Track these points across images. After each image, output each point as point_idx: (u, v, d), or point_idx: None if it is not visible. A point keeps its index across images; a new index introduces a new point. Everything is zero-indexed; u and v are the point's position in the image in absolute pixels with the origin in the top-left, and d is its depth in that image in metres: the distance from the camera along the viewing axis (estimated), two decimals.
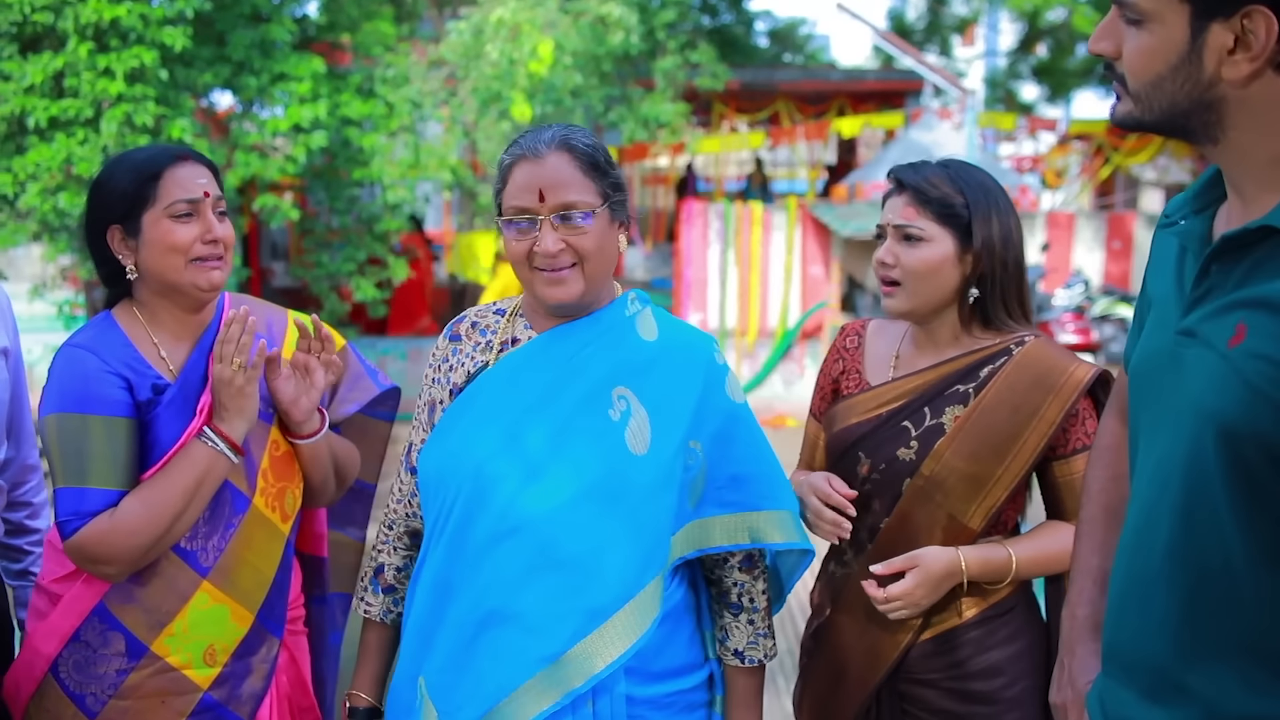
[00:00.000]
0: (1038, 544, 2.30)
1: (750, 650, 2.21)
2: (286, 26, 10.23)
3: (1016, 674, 2.30)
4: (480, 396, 2.11)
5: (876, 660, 2.35)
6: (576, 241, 2.02)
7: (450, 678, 2.01)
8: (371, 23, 11.78)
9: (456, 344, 2.22)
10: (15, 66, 9.05)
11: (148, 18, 9.03)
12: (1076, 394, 2.23)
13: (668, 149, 16.13)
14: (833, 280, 13.71)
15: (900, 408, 2.35)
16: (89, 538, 2.10)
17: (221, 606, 2.26)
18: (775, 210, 14.05)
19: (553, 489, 2.00)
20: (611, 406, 2.05)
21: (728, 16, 22.95)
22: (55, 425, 2.16)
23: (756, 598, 2.23)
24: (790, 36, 26.70)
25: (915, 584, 2.23)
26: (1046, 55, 21.32)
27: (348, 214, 11.79)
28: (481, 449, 2.04)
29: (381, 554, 2.29)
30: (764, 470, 2.21)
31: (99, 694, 2.21)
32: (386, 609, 2.28)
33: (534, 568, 1.98)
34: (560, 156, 2.02)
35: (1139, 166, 19.99)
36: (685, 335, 2.20)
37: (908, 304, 2.33)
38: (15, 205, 9.61)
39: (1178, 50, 1.39)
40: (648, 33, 14.23)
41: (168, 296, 2.29)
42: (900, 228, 2.30)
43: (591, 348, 2.10)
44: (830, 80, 20.23)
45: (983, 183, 2.30)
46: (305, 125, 10.05)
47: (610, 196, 2.07)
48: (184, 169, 2.26)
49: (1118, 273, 14.78)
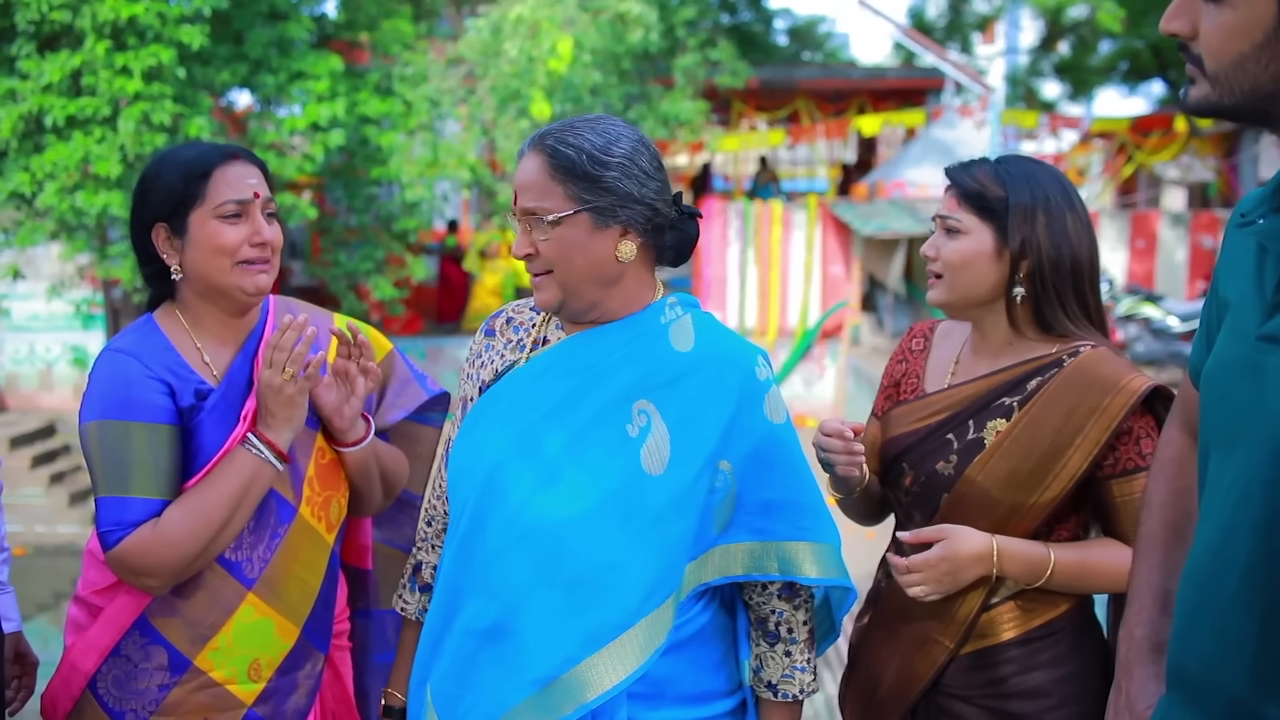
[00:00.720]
0: (1083, 553, 2.17)
1: (785, 684, 2.08)
2: (304, 25, 10.22)
3: (1064, 697, 2.17)
4: (502, 397, 2.02)
5: (911, 678, 2.24)
6: (542, 248, 1.93)
7: (453, 689, 1.94)
8: (390, 21, 11.75)
9: (491, 340, 2.14)
10: (33, 65, 9.06)
11: (165, 16, 9.02)
12: (1124, 412, 2.08)
13: (687, 147, 16.07)
14: (853, 279, 13.63)
15: (947, 419, 2.24)
16: (132, 548, 2.02)
17: (267, 620, 2.18)
18: (795, 209, 13.99)
19: (562, 500, 1.90)
20: (630, 421, 1.94)
21: (747, 14, 22.87)
22: (96, 433, 2.08)
23: (796, 629, 2.10)
24: (810, 35, 26.65)
25: (940, 557, 2.10)
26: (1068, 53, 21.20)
27: (366, 213, 11.78)
28: (496, 451, 1.96)
29: (420, 551, 2.22)
30: (801, 498, 2.06)
31: (140, 710, 2.12)
32: (422, 608, 2.18)
33: (537, 583, 1.89)
34: (535, 158, 1.94)
35: (1162, 165, 19.86)
36: (724, 347, 2.06)
37: (944, 296, 2.24)
38: (33, 204, 9.61)
39: (1263, 27, 1.28)
40: (667, 30, 14.18)
41: (211, 299, 2.21)
42: (942, 219, 2.23)
43: (617, 355, 1.99)
44: (850, 78, 20.17)
45: (1031, 177, 2.20)
46: (323, 123, 10.04)
47: (590, 202, 1.92)
48: (235, 168, 2.18)
49: (1142, 272, 14.65)
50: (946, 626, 2.21)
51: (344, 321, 2.37)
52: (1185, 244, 14.68)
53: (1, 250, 10.58)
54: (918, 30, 21.55)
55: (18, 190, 9.31)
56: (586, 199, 1.92)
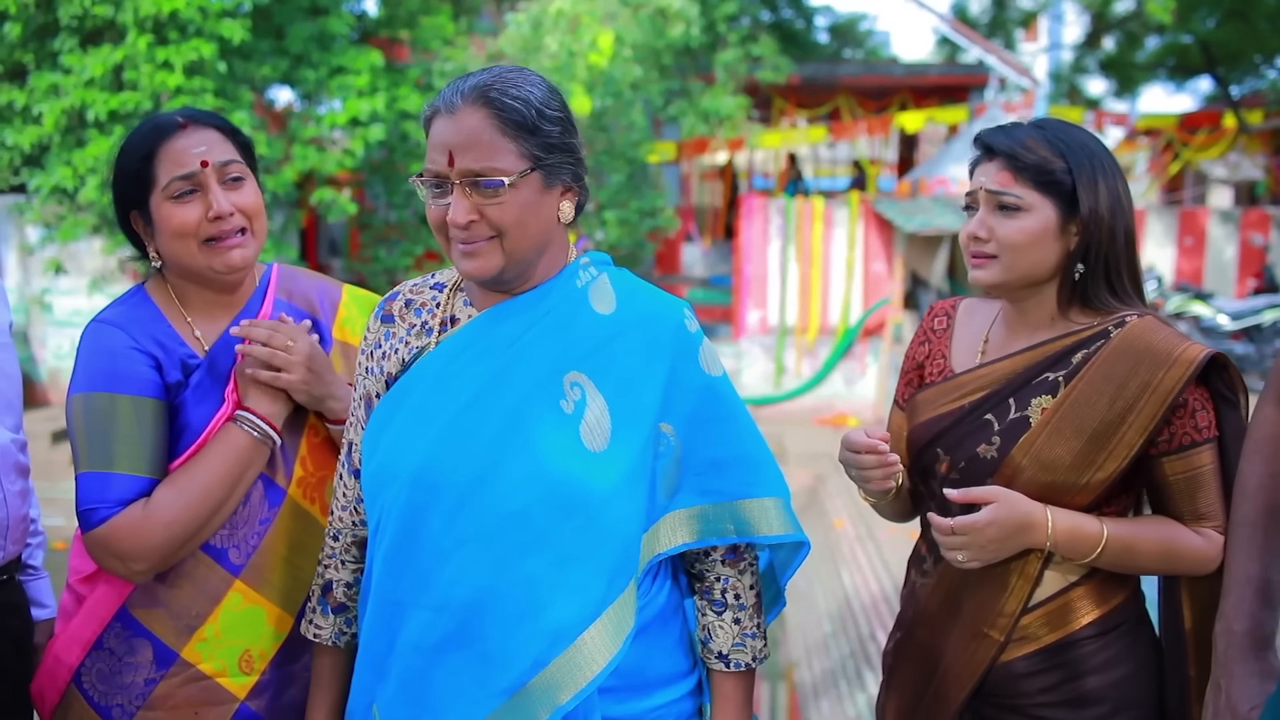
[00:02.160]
0: (1136, 529, 2.03)
1: (736, 653, 1.95)
2: (345, 20, 10.21)
3: (1120, 702, 2.04)
4: (416, 388, 1.84)
5: (957, 680, 2.11)
6: (491, 212, 1.73)
7: (408, 710, 1.79)
8: (430, 18, 11.73)
9: (389, 326, 1.94)
10: (76, 60, 9.09)
11: (206, 10, 9.04)
12: (1182, 380, 1.94)
13: (726, 144, 15.98)
14: (895, 277, 13.48)
15: (984, 398, 2.09)
16: (119, 530, 1.91)
17: (257, 608, 2.07)
18: (837, 206, 13.85)
19: (504, 494, 1.75)
20: (564, 396, 1.79)
21: (788, 12, 22.74)
22: (81, 405, 1.98)
23: (743, 594, 1.97)
24: (850, 32, 26.48)
25: (988, 520, 1.95)
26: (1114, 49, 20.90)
27: (405, 208, 11.77)
28: (419, 450, 1.79)
29: (329, 569, 2.00)
30: (749, 452, 1.93)
31: (126, 705, 2.03)
32: (338, 631, 1.99)
33: (490, 585, 1.74)
34: (475, 112, 1.72)
35: (1209, 163, 19.55)
36: (648, 303, 1.91)
37: (1001, 276, 2.06)
38: (75, 199, 9.64)
39: None
40: (708, 25, 14.09)
41: (195, 280, 2.11)
42: (995, 195, 2.04)
43: (538, 328, 1.82)
44: (892, 75, 19.99)
45: (1085, 143, 2.05)
46: (363, 118, 10.02)
47: (541, 159, 1.76)
48: (179, 141, 2.03)
49: (1190, 269, 14.41)
50: (996, 619, 2.07)
51: (353, 294, 2.28)
52: (1235, 241, 14.42)
53: (44, 245, 10.63)
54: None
55: (60, 185, 9.35)
56: (538, 156, 1.76)
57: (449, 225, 1.74)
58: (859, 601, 6.39)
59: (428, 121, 1.78)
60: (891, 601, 6.42)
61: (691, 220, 18.22)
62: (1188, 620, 2.08)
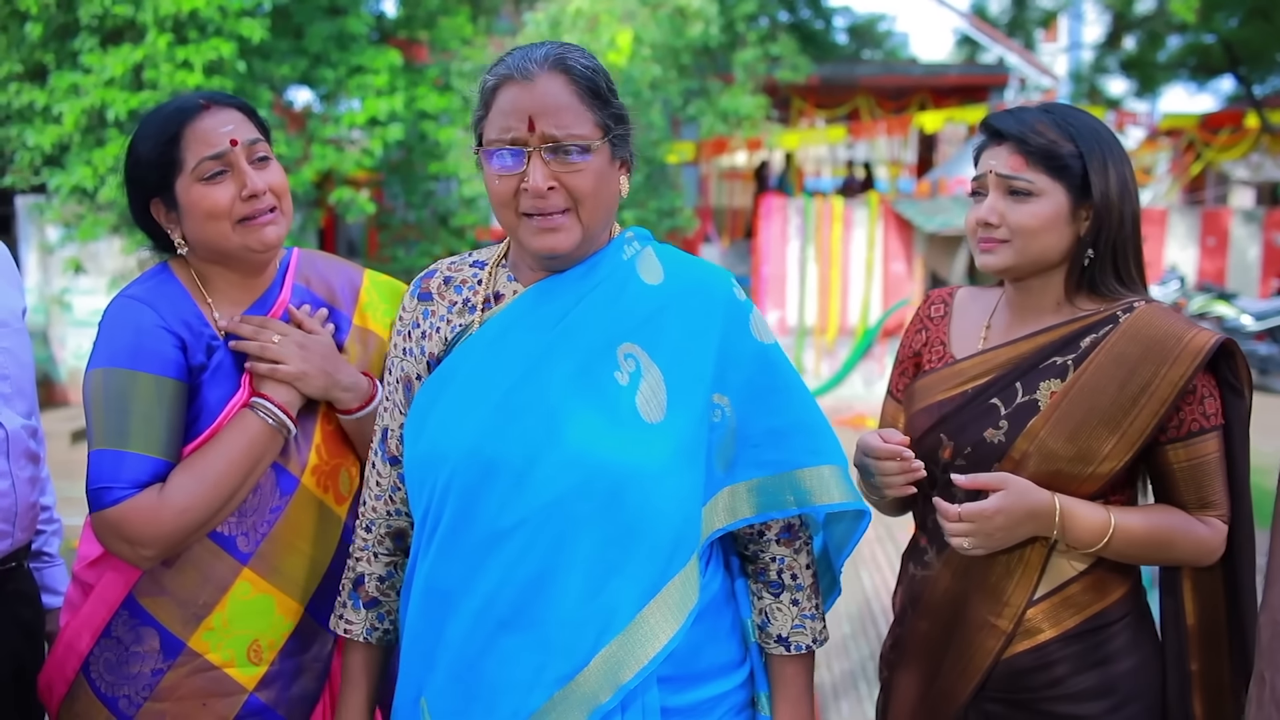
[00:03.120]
0: (1144, 518, 2.00)
1: (796, 635, 1.91)
2: (364, 20, 10.21)
3: (1127, 695, 2.02)
4: (463, 368, 1.81)
5: (964, 673, 2.08)
6: (571, 180, 1.71)
7: (459, 700, 1.76)
8: (449, 19, 11.73)
9: (427, 304, 1.90)
10: (96, 59, 9.10)
11: (226, 9, 9.05)
12: (1194, 366, 1.93)
13: (745, 144, 15.94)
14: (915, 277, 13.42)
15: (989, 383, 2.06)
16: (131, 514, 1.88)
17: (266, 597, 2.03)
18: (856, 206, 13.80)
19: (558, 473, 1.71)
20: (618, 368, 1.76)
21: (806, 12, 22.68)
22: (100, 381, 1.94)
23: (800, 573, 1.93)
24: (869, 33, 26.37)
25: (996, 508, 1.93)
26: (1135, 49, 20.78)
27: (424, 208, 11.77)
28: (471, 431, 1.75)
29: (360, 562, 1.97)
30: (806, 419, 1.89)
31: (133, 696, 2.00)
32: (370, 626, 1.95)
33: (545, 569, 1.71)
34: (554, 79, 1.71)
35: (1230, 163, 19.42)
36: (696, 273, 1.89)
37: (1012, 261, 2.03)
38: (95, 198, 9.66)
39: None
40: (727, 25, 14.05)
41: (223, 264, 2.08)
42: (1006, 179, 2.01)
43: (588, 301, 1.80)
44: (911, 75, 19.91)
45: (1094, 128, 2.03)
46: (382, 118, 10.02)
47: (611, 129, 1.76)
48: (205, 121, 2.00)
49: (1212, 270, 14.30)
50: (1002, 609, 2.04)
51: (374, 279, 2.25)
52: (1258, 241, 14.31)
53: (63, 245, 10.66)
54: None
55: (80, 184, 9.36)
56: (609, 126, 1.75)
57: (523, 196, 1.72)
58: (879, 603, 6.35)
59: (492, 91, 1.75)
60: None
61: (710, 221, 18.17)
62: (1190, 614, 2.07)
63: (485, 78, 1.77)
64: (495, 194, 1.75)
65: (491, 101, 1.75)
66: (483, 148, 1.76)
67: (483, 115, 1.77)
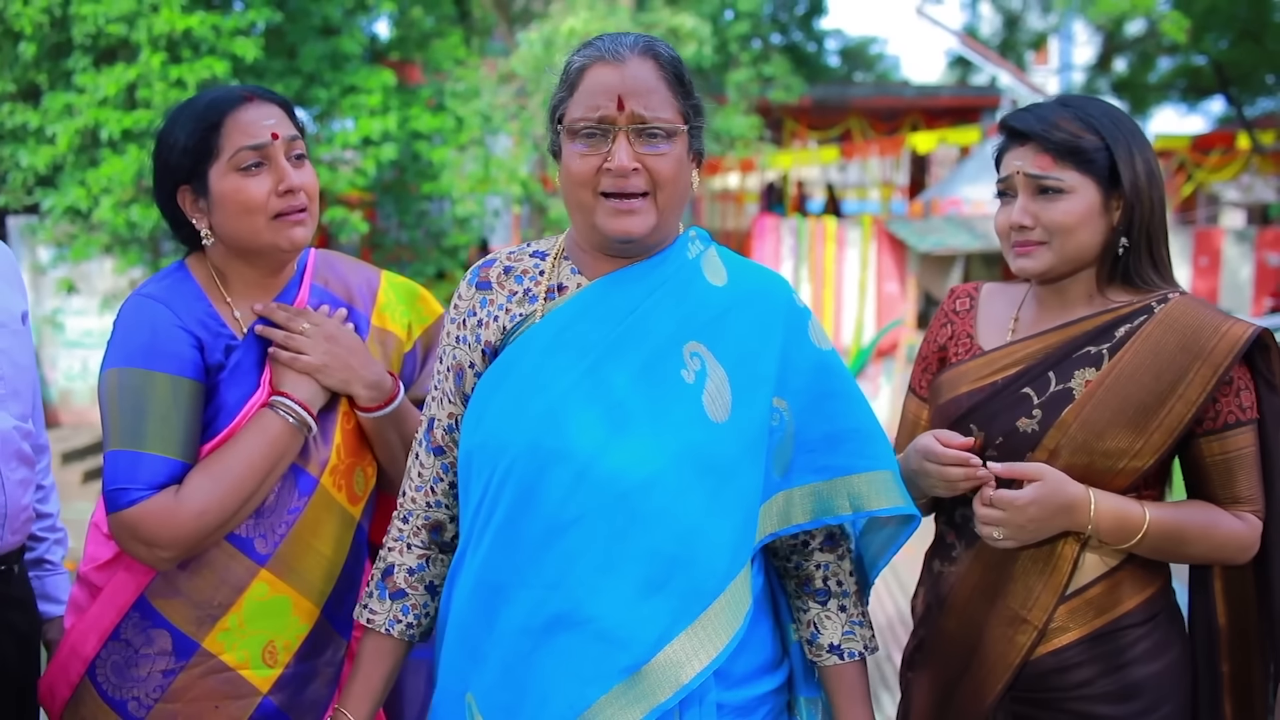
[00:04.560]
0: (1178, 513, 1.97)
1: (848, 642, 1.90)
2: (357, 39, 10.20)
3: (1159, 696, 1.98)
4: (526, 358, 1.79)
5: (991, 672, 2.03)
6: (655, 164, 1.71)
7: (509, 695, 1.73)
8: (442, 41, 11.74)
9: (486, 293, 1.87)
10: (89, 79, 9.10)
11: (220, 29, 9.05)
12: (1231, 357, 1.90)
13: (739, 164, 15.98)
14: (908, 297, 13.44)
15: (1020, 373, 2.03)
16: (148, 515, 1.84)
17: (283, 598, 1.99)
18: (850, 226, 13.82)
19: (630, 463, 1.70)
20: (684, 366, 1.75)
21: (799, 34, 22.78)
22: (115, 381, 1.91)
23: (845, 580, 1.92)
24: (861, 56, 26.51)
25: (1030, 499, 1.90)
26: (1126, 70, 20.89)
27: (417, 228, 11.75)
28: (532, 423, 1.73)
29: (392, 552, 1.93)
30: (862, 425, 1.88)
31: (142, 699, 1.95)
32: (393, 618, 1.91)
33: (606, 562, 1.69)
34: (645, 63, 1.73)
35: (1221, 184, 19.48)
36: (759, 278, 1.90)
37: (1050, 262, 2.01)
38: (88, 219, 9.63)
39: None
40: (720, 45, 14.10)
41: (246, 259, 2.04)
42: (1035, 179, 1.99)
43: (656, 296, 1.79)
44: (904, 96, 20.01)
45: (1113, 116, 2.01)
46: (375, 138, 10.00)
47: (691, 120, 1.77)
48: (248, 112, 1.96)
49: (1205, 289, 14.34)
50: (1033, 605, 2.01)
51: (391, 280, 2.23)
52: (1250, 261, 14.36)
53: (56, 265, 10.63)
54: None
55: (73, 205, 9.34)
56: (688, 115, 1.77)
57: (604, 176, 1.72)
58: (875, 622, 6.31)
59: (580, 71, 1.75)
60: (908, 622, 6.33)
61: None
62: (1221, 614, 2.05)
63: (572, 59, 1.78)
64: (575, 173, 1.74)
65: (578, 82, 1.75)
66: (564, 126, 1.76)
67: (565, 96, 1.77)
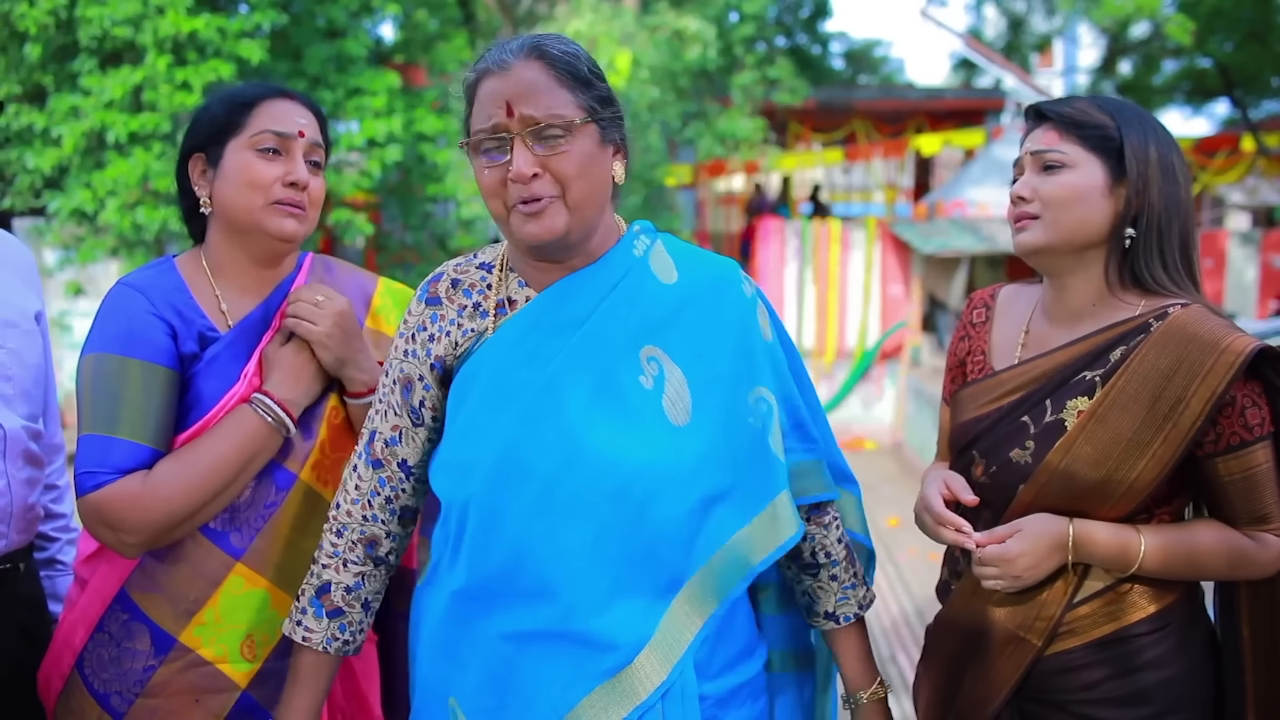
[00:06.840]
0: (1181, 536, 1.94)
1: (842, 608, 1.97)
2: (362, 42, 10.20)
3: (1169, 703, 1.95)
4: (483, 373, 1.79)
5: (996, 680, 2.04)
6: (555, 164, 1.69)
7: (492, 699, 1.76)
8: (446, 44, 11.75)
9: (435, 308, 1.87)
10: (95, 81, 9.10)
11: (225, 31, 9.05)
12: (1229, 378, 1.83)
13: (743, 166, 15.98)
14: (913, 300, 13.41)
15: (1022, 399, 2.01)
16: (115, 498, 1.86)
17: (259, 591, 2.00)
18: (854, 228, 13.81)
19: (594, 478, 1.71)
20: (642, 372, 1.75)
21: (803, 37, 22.79)
22: (91, 366, 1.94)
23: (833, 549, 1.96)
24: (866, 58, 26.50)
25: (1019, 551, 1.92)
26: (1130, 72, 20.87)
27: (422, 230, 11.76)
28: (498, 438, 1.74)
29: (327, 569, 1.89)
30: (819, 406, 2.01)
31: (124, 693, 1.98)
32: (330, 636, 1.88)
33: (580, 571, 1.72)
34: (531, 65, 1.70)
35: (1226, 187, 19.45)
36: (709, 270, 1.89)
37: (1043, 236, 1.98)
38: (95, 221, 9.64)
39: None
40: (725, 48, 14.11)
41: (238, 241, 2.07)
42: (1039, 154, 1.98)
43: (607, 303, 1.79)
44: (908, 99, 20.01)
45: (1138, 111, 1.99)
46: (380, 140, 10.01)
47: (598, 112, 1.74)
48: (284, 104, 2.05)
49: (1210, 291, 14.24)
50: (1034, 623, 1.99)
51: (389, 286, 2.25)
52: (1255, 263, 14.33)
53: (62, 268, 10.65)
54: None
55: (80, 207, 9.35)
56: (593, 108, 1.74)
57: (509, 184, 1.71)
58: (879, 625, 6.32)
59: (473, 86, 1.76)
60: (913, 624, 6.35)
61: (708, 244, 18.21)
62: (1245, 628, 2.02)
63: (466, 74, 1.78)
64: (485, 186, 1.74)
65: (474, 96, 1.76)
66: (469, 143, 1.76)
67: (468, 113, 1.78)
